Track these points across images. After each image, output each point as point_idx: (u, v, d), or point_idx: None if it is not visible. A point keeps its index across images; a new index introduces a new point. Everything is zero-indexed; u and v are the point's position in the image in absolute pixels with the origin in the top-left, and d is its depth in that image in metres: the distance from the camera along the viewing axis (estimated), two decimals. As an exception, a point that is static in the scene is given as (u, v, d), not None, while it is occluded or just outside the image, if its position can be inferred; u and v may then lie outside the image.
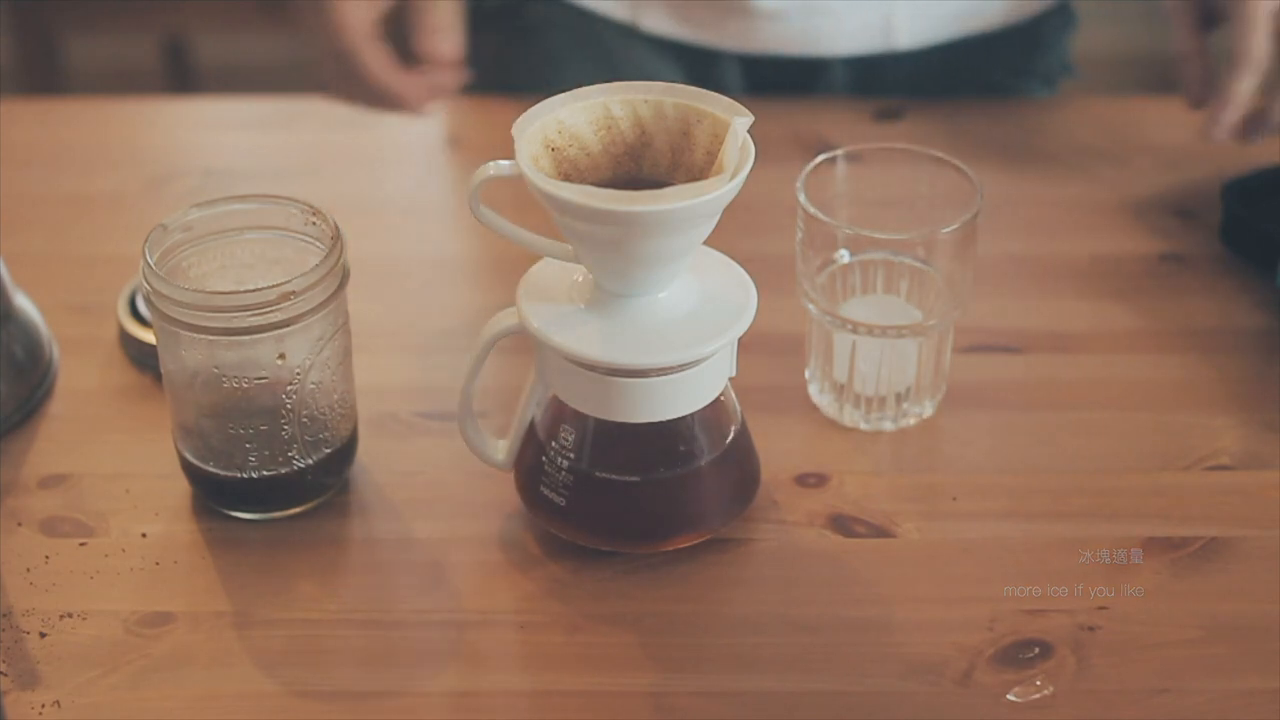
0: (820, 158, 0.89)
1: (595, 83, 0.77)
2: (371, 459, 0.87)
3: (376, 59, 0.97)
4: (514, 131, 0.75)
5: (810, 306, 0.88)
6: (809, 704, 0.74)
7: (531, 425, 0.81)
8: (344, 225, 1.09)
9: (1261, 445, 0.88)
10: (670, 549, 0.81)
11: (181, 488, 0.86)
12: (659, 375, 0.76)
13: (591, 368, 0.76)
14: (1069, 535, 0.83)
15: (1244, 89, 1.00)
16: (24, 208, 1.07)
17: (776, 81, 1.14)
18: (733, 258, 0.81)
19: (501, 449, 0.83)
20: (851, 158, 0.90)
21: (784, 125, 1.16)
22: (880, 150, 0.93)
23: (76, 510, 0.84)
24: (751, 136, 0.75)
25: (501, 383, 0.85)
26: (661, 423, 0.78)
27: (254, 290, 0.77)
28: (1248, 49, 1.00)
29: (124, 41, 2.54)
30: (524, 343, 0.78)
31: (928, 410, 0.90)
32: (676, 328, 0.76)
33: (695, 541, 0.81)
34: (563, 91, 0.77)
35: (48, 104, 1.25)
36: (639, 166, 0.78)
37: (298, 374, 0.79)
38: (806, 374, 0.91)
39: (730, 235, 0.84)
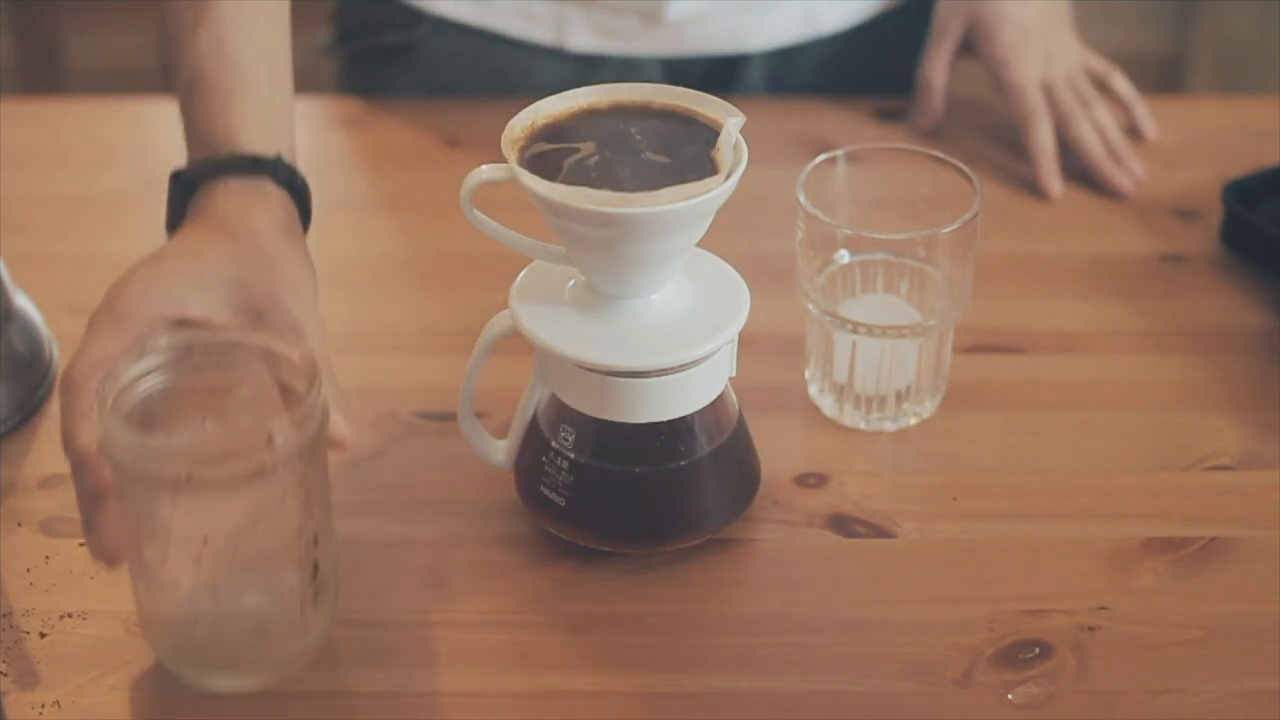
0: (820, 158, 0.89)
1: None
2: (372, 459, 0.87)
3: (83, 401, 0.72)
4: (504, 136, 0.75)
5: (810, 306, 0.88)
6: (809, 704, 0.74)
7: (531, 425, 0.81)
8: (344, 225, 1.09)
9: (1261, 445, 0.88)
10: (670, 549, 0.81)
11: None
12: (658, 376, 0.76)
13: (588, 369, 0.76)
14: (1069, 535, 0.83)
15: (1044, 138, 1.11)
16: (24, 208, 1.07)
17: (699, 79, 1.15)
18: (732, 258, 0.81)
19: (501, 449, 0.83)
20: (851, 158, 0.90)
21: (784, 125, 1.16)
22: (880, 150, 0.93)
23: (76, 510, 0.84)
24: (744, 137, 0.75)
25: (501, 383, 0.85)
26: (661, 423, 0.78)
27: None
28: (1028, 108, 1.12)
29: (124, 41, 2.54)
30: (524, 343, 0.78)
31: (928, 410, 0.90)
32: (670, 329, 0.76)
33: (695, 542, 0.81)
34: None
35: (48, 104, 1.25)
36: None
37: None
38: (806, 374, 0.91)
39: (730, 235, 0.84)
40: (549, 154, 0.75)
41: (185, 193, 0.81)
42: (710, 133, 0.75)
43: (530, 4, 1.16)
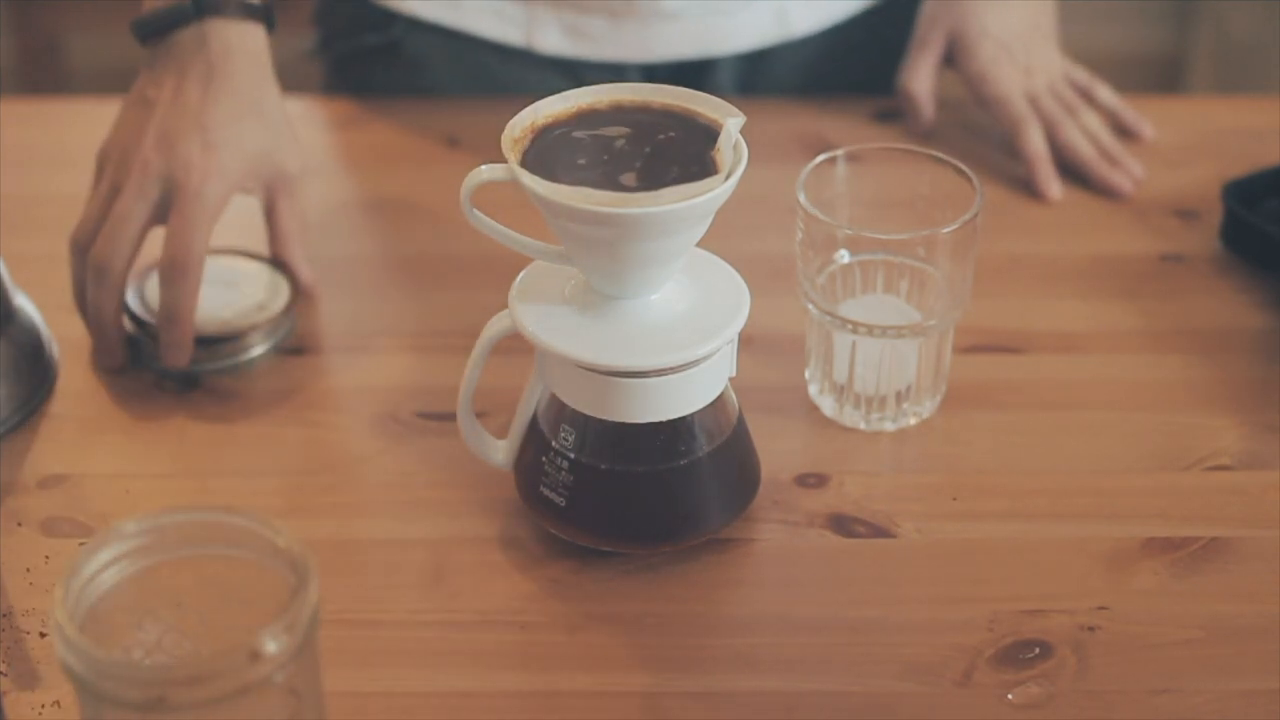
0: (820, 158, 0.89)
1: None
2: (372, 459, 0.87)
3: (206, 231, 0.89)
4: (504, 136, 0.75)
5: (810, 306, 0.88)
6: (809, 704, 0.74)
7: (532, 425, 0.81)
8: (344, 225, 1.09)
9: (1261, 445, 0.88)
10: (670, 549, 0.81)
11: (181, 487, 0.86)
12: (658, 376, 0.76)
13: (587, 369, 0.76)
14: (1069, 535, 0.83)
15: (1036, 143, 1.11)
16: (24, 208, 1.07)
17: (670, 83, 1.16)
18: (732, 258, 0.81)
19: (501, 449, 0.83)
20: (851, 158, 0.90)
21: (784, 125, 1.16)
22: (880, 150, 0.93)
23: (76, 510, 0.84)
24: (744, 137, 0.75)
25: (501, 383, 0.85)
26: (661, 423, 0.78)
27: None
28: (1015, 116, 1.12)
29: (124, 41, 2.54)
30: (524, 343, 0.78)
31: (928, 410, 0.90)
32: (670, 329, 0.76)
33: (695, 542, 0.81)
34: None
35: (48, 104, 1.25)
36: None
37: None
38: (806, 374, 0.91)
39: (730, 235, 0.85)
40: (550, 149, 0.76)
41: (176, 19, 0.94)
42: (710, 133, 0.75)
43: (500, 4, 1.15)
